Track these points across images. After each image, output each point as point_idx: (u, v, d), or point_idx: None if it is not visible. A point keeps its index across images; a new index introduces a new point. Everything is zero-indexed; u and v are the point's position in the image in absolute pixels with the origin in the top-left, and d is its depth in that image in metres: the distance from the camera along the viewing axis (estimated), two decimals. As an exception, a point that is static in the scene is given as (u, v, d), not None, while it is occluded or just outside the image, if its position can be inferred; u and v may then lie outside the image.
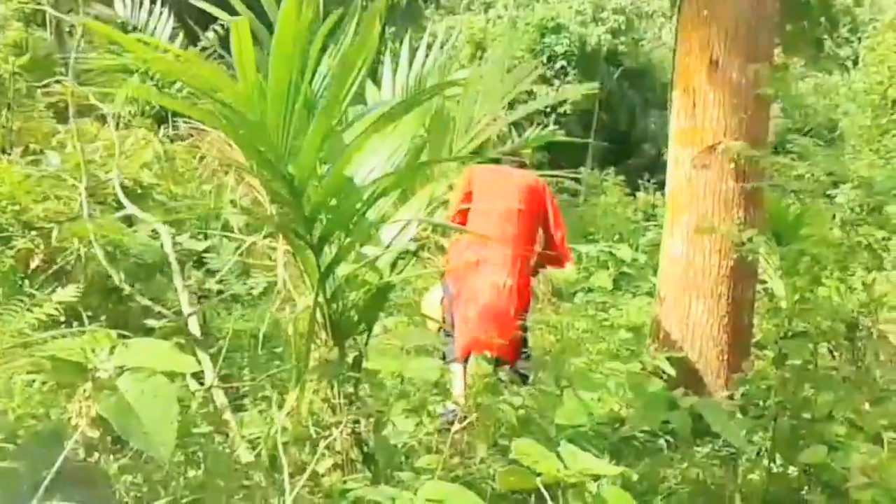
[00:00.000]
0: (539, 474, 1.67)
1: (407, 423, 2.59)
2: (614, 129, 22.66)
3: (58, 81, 5.33)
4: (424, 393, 2.66)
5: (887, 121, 9.98)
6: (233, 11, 1.80)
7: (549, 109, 21.78)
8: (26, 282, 3.16)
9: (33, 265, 3.19)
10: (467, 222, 4.46)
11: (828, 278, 3.11)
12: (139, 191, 4.01)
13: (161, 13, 6.52)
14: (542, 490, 1.66)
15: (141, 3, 6.55)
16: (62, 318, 2.49)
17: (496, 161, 5.05)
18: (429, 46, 2.93)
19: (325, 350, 2.15)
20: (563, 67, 22.19)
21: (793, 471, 2.81)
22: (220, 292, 3.36)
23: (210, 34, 6.47)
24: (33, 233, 3.21)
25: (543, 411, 2.62)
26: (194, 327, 2.53)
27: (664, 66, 22.33)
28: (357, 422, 2.15)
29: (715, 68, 4.00)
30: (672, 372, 4.35)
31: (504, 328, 4.16)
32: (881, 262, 2.98)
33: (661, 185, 7.66)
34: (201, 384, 2.28)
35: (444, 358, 4.35)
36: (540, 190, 4.53)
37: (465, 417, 2.59)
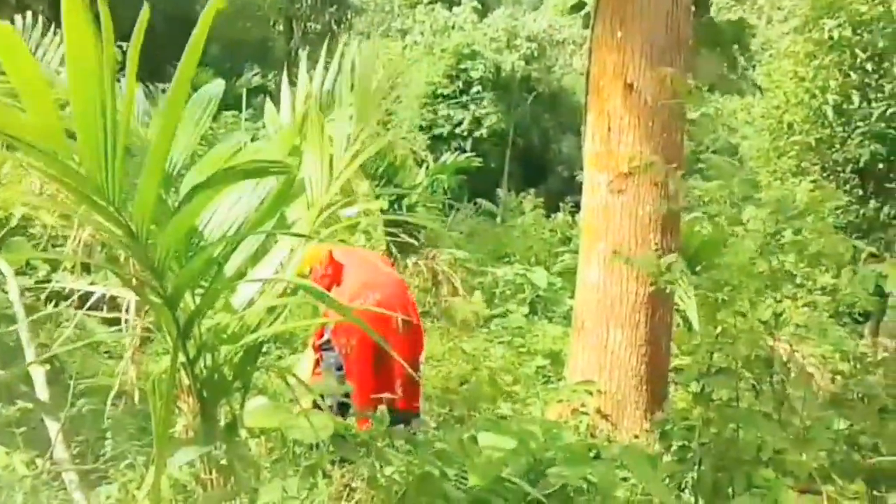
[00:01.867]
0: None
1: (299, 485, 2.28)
2: (529, 152, 23.01)
3: None
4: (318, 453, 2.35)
5: (784, 143, 10.34)
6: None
7: (465, 133, 21.96)
8: None
9: None
10: (343, 279, 3.94)
11: (740, 308, 3.01)
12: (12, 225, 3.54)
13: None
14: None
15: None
16: None
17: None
18: (328, 68, 2.65)
19: (191, 417, 1.82)
20: (478, 92, 22.46)
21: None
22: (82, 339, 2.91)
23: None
24: None
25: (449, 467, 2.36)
26: (41, 388, 2.15)
27: (575, 91, 22.89)
28: (232, 502, 1.83)
29: (630, 92, 3.90)
30: (590, 403, 4.23)
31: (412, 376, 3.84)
32: (802, 290, 2.88)
33: (577, 207, 7.63)
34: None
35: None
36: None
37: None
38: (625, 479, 2.82)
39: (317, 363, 3.95)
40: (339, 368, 3.79)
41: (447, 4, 25.83)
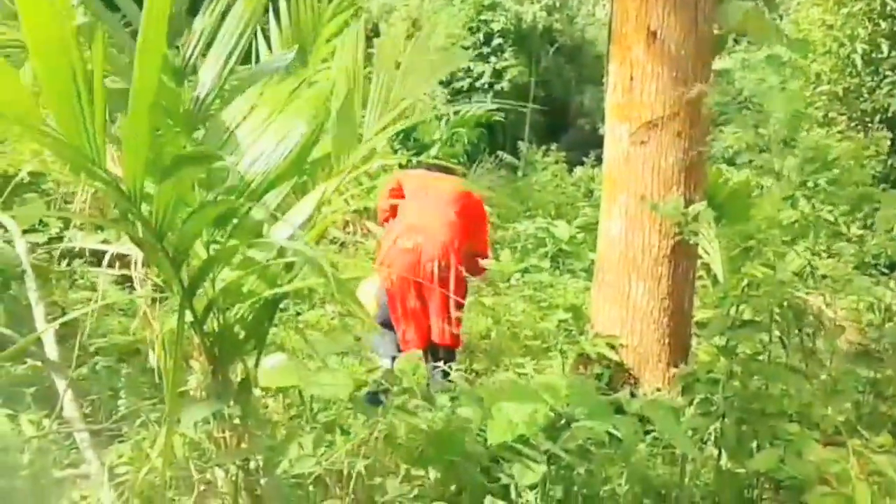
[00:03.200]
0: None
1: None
2: (551, 104, 22.64)
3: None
4: (337, 409, 2.34)
5: (811, 93, 10.09)
6: None
7: (486, 86, 21.64)
8: None
9: None
10: (398, 215, 4.61)
11: (767, 260, 2.94)
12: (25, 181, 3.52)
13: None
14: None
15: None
16: None
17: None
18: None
19: (202, 377, 1.82)
20: (499, 44, 22.04)
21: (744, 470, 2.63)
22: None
23: None
24: None
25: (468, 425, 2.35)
26: (50, 348, 2.16)
27: (597, 43, 22.39)
28: (246, 460, 1.84)
29: (653, 39, 3.78)
30: (613, 357, 4.21)
31: (440, 315, 4.27)
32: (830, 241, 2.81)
33: (600, 160, 7.54)
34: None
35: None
36: (471, 197, 4.70)
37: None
38: (647, 433, 2.81)
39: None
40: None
41: (466, -46, 25.24)
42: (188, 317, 1.74)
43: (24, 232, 2.79)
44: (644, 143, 3.89)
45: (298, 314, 4.71)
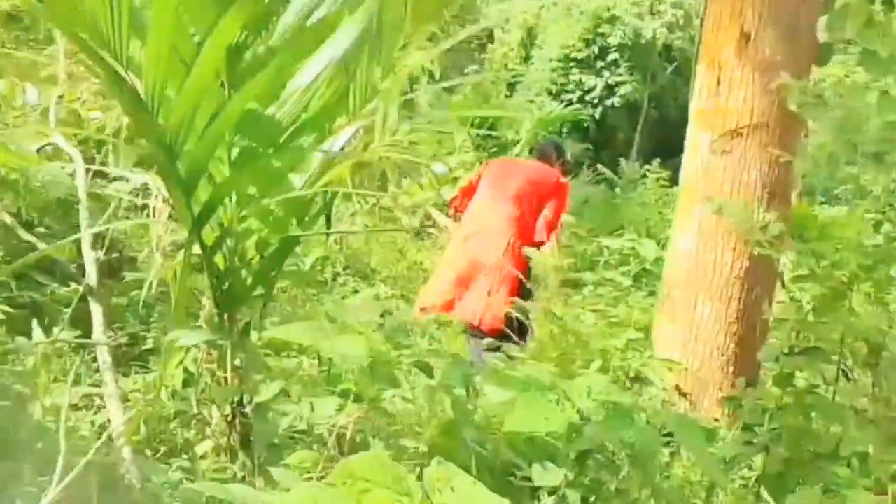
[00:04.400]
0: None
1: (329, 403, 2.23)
2: (663, 124, 21.92)
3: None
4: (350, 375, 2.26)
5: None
6: None
7: (596, 100, 21.24)
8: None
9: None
10: (469, 206, 4.84)
11: (854, 290, 2.64)
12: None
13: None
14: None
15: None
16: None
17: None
18: None
19: (206, 317, 1.79)
20: (615, 59, 21.60)
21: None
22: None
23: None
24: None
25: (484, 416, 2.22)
26: (92, 276, 2.20)
27: (720, 64, 21.47)
28: (240, 402, 1.80)
29: (746, 42, 3.51)
30: (669, 379, 3.95)
31: (478, 301, 4.43)
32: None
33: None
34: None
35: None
36: (549, 184, 4.80)
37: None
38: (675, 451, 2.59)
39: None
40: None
41: (591, -35, 24.93)
42: (196, 249, 1.72)
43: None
44: (726, 154, 3.63)
45: (356, 291, 4.72)
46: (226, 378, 1.79)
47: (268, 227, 1.77)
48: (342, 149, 1.78)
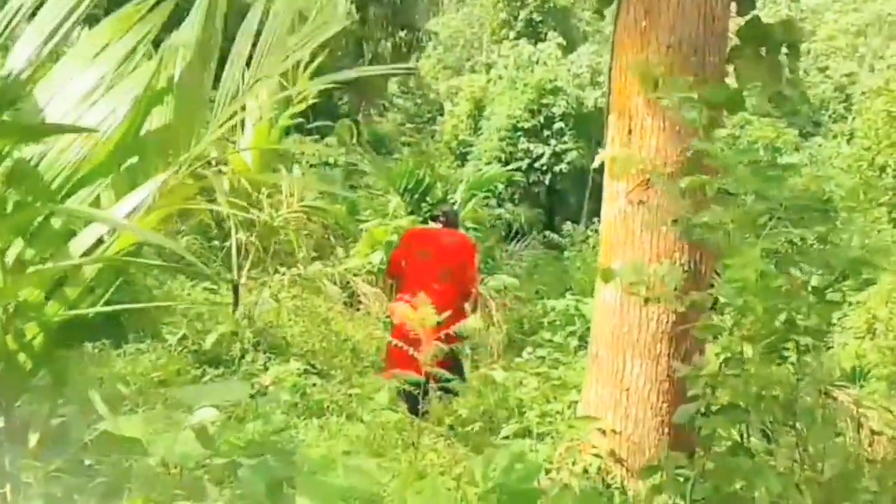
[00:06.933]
0: None
1: None
2: (609, 189, 22.21)
3: None
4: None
5: (876, 192, 9.60)
6: None
7: (544, 167, 21.57)
8: None
9: None
10: (406, 274, 5.09)
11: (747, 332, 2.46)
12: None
13: None
14: None
15: None
16: None
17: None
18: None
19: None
20: (560, 128, 22.15)
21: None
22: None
23: None
24: None
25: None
26: None
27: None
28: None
29: (654, 90, 3.44)
30: (602, 444, 3.71)
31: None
32: (829, 316, 2.33)
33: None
34: None
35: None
36: (465, 250, 5.30)
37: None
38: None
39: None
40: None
41: (533, 40, 25.79)
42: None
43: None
44: (642, 203, 3.50)
45: (266, 369, 4.40)
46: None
47: (53, 300, 1.49)
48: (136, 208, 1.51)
